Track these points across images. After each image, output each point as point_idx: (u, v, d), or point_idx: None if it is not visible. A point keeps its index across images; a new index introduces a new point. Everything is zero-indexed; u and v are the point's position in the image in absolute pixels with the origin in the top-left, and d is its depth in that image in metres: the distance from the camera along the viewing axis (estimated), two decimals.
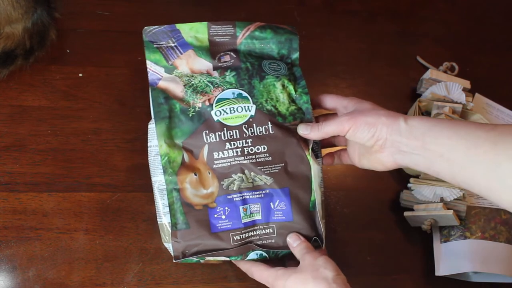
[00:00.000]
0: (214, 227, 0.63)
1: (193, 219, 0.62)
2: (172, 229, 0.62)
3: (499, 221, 0.76)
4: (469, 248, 0.74)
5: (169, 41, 0.67)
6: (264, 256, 0.64)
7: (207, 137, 0.64)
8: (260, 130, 0.65)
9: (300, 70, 0.70)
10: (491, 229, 0.75)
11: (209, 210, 0.63)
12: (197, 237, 0.62)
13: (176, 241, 0.62)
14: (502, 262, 0.73)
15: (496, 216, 0.76)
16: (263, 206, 0.64)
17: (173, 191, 0.63)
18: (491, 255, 0.73)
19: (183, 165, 0.63)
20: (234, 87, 0.66)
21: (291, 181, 0.65)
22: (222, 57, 0.68)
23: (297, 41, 0.71)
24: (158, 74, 0.66)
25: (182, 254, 0.62)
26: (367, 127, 0.60)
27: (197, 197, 0.63)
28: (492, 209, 0.77)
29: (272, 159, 0.64)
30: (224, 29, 0.68)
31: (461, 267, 0.73)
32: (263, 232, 0.64)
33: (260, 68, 0.68)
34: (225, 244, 0.63)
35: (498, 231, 0.75)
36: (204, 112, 0.65)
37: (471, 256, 0.73)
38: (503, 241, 0.75)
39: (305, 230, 0.64)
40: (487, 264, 0.73)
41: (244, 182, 0.64)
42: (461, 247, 0.74)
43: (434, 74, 0.87)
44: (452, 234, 0.76)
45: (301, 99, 0.68)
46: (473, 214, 0.76)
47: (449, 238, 0.76)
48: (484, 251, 0.74)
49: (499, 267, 0.73)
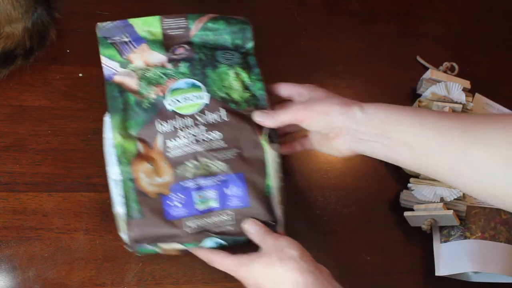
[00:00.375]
0: (169, 215, 0.63)
1: (148, 208, 0.63)
2: (127, 219, 0.63)
3: (499, 221, 0.76)
4: (469, 248, 0.74)
5: (123, 36, 0.69)
6: (223, 244, 0.64)
7: (161, 126, 0.65)
8: (213, 117, 0.66)
9: (254, 59, 0.71)
10: (491, 229, 0.75)
11: (163, 198, 0.63)
12: (152, 226, 0.63)
13: (131, 231, 0.62)
14: (502, 262, 0.73)
15: (496, 216, 0.76)
16: (219, 193, 0.64)
17: (128, 181, 0.63)
18: (491, 255, 0.74)
19: (138, 155, 0.64)
20: (187, 77, 0.68)
21: (246, 167, 0.65)
22: (176, 50, 0.70)
23: (250, 30, 0.72)
24: (113, 69, 0.68)
25: (136, 243, 0.62)
26: (321, 116, 0.61)
27: (151, 186, 0.63)
28: (492, 209, 0.77)
29: (227, 145, 0.65)
30: (177, 22, 0.70)
31: (461, 267, 0.73)
32: (220, 219, 0.64)
33: (214, 58, 0.69)
34: (180, 231, 0.63)
35: (498, 231, 0.75)
36: (158, 103, 0.66)
37: (471, 256, 0.73)
38: (503, 241, 0.75)
39: (263, 215, 0.64)
40: (487, 264, 0.73)
41: (199, 169, 0.64)
42: (461, 247, 0.74)
43: (434, 74, 0.87)
44: (452, 234, 0.76)
45: (255, 86, 0.69)
46: (473, 214, 0.76)
47: (449, 238, 0.76)
48: (484, 251, 0.74)
49: (499, 267, 0.73)
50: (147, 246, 0.63)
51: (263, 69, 0.82)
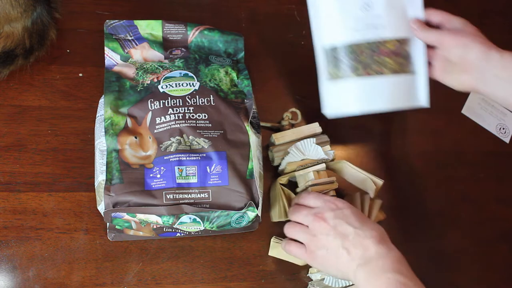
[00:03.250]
0: (148, 185, 0.64)
1: (128, 176, 0.64)
2: (106, 184, 0.63)
3: (385, 53, 0.73)
4: (354, 88, 0.72)
5: (127, 35, 0.75)
6: (197, 221, 0.64)
7: (152, 104, 0.68)
8: (202, 101, 0.69)
9: (244, 66, 0.76)
10: (375, 63, 0.72)
11: (145, 169, 0.65)
12: (130, 193, 0.63)
13: (108, 195, 0.63)
14: (387, 96, 0.73)
15: (380, 47, 0.73)
16: (199, 169, 0.65)
17: (113, 151, 0.66)
18: (375, 91, 0.73)
19: (125, 129, 0.67)
20: (182, 69, 0.72)
21: (229, 147, 0.67)
22: (174, 51, 0.75)
23: (242, 41, 0.77)
24: (114, 60, 0.73)
25: (113, 208, 0.63)
26: (461, 47, 0.68)
27: (135, 158, 0.65)
28: (376, 42, 0.72)
29: (212, 125, 0.68)
30: (176, 27, 0.76)
31: (348, 108, 0.73)
32: (198, 196, 0.65)
33: (207, 59, 0.75)
34: (157, 201, 0.63)
35: (383, 63, 0.73)
36: (151, 86, 0.70)
37: (357, 96, 0.72)
38: (389, 73, 0.73)
39: (241, 194, 0.65)
40: (373, 102, 0.73)
41: (181, 144, 0.66)
42: (346, 88, 0.73)
43: (278, 138, 0.76)
44: (338, 75, 0.73)
45: (243, 83, 0.73)
46: (356, 50, 0.72)
47: (336, 79, 0.73)
48: (368, 89, 0.72)
49: (382, 102, 0.73)
50: (124, 215, 0.63)
51: (263, 69, 0.82)
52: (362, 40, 0.72)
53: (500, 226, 0.83)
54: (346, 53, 0.72)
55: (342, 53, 0.72)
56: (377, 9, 0.72)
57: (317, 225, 0.65)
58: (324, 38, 0.73)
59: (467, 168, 0.86)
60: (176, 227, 0.65)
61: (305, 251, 0.67)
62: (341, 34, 0.72)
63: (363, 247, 0.62)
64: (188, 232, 0.67)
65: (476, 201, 0.84)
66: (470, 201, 0.84)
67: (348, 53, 0.72)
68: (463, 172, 0.85)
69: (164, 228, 0.66)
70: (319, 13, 0.74)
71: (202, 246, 0.72)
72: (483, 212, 0.84)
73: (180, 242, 0.71)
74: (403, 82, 0.74)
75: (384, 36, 0.72)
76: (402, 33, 0.73)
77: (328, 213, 0.65)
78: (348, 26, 0.72)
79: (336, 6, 0.72)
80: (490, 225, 0.83)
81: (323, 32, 0.74)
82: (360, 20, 0.72)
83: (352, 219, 0.64)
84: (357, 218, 0.65)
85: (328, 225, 0.64)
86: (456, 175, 0.85)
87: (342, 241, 0.63)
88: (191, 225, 0.65)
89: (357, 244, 0.63)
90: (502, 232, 0.83)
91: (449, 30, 0.70)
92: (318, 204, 0.67)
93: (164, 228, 0.66)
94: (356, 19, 0.72)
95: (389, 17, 0.73)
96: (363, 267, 0.61)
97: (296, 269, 0.73)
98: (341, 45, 0.72)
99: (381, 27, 0.72)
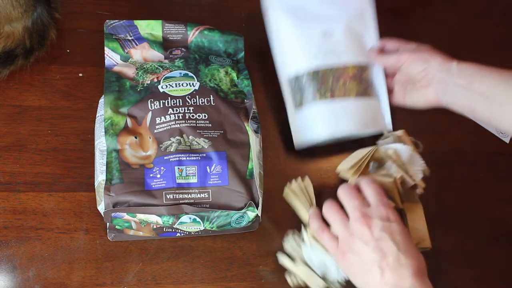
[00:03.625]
0: (148, 185, 0.64)
1: (128, 176, 0.64)
2: (106, 184, 0.63)
3: (348, 77, 0.75)
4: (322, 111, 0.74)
5: (127, 35, 0.74)
6: (197, 221, 0.64)
7: (152, 104, 0.68)
8: (202, 101, 0.69)
9: (244, 66, 0.76)
10: (340, 88, 0.74)
11: (145, 169, 0.65)
12: (130, 193, 0.63)
13: (108, 195, 0.63)
14: (353, 118, 0.74)
15: (343, 73, 0.75)
16: (199, 169, 0.65)
17: (113, 151, 0.65)
18: (342, 113, 0.74)
19: (125, 129, 0.67)
20: (182, 69, 0.72)
21: (229, 147, 0.67)
22: (174, 51, 0.75)
23: (242, 41, 0.77)
24: (114, 60, 0.73)
25: (113, 209, 0.62)
26: (421, 62, 0.71)
27: (135, 158, 0.65)
28: (339, 68, 0.75)
29: (212, 125, 0.68)
30: (176, 28, 0.76)
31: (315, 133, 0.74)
32: (198, 196, 0.65)
33: (207, 59, 0.75)
34: (157, 201, 0.63)
35: (348, 87, 0.75)
36: (151, 86, 0.70)
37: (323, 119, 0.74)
38: (354, 96, 0.75)
39: (241, 195, 0.65)
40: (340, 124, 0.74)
41: (181, 144, 0.66)
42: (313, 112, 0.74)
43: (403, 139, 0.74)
44: (303, 102, 0.75)
45: (243, 83, 0.73)
46: (320, 76, 0.74)
47: (301, 107, 0.75)
48: (335, 112, 0.74)
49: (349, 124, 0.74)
50: (124, 215, 0.63)
51: (263, 69, 0.83)
52: (325, 66, 0.74)
53: (500, 226, 0.83)
54: (310, 80, 0.74)
55: (307, 80, 0.74)
56: (337, 36, 0.76)
57: (359, 227, 0.60)
58: (288, 68, 0.76)
59: (467, 168, 0.86)
60: (176, 227, 0.65)
61: (336, 246, 0.63)
62: (304, 61, 0.75)
63: (399, 275, 0.58)
64: (188, 232, 0.67)
65: (476, 201, 0.84)
66: (470, 201, 0.84)
67: (312, 79, 0.74)
68: (463, 172, 0.85)
69: (164, 228, 0.66)
70: (281, 44, 0.77)
71: (202, 246, 0.72)
72: (483, 212, 0.84)
73: (180, 242, 0.71)
74: (368, 106, 0.76)
75: (345, 62, 0.75)
76: (362, 59, 0.77)
77: (376, 221, 0.60)
78: (310, 53, 0.75)
79: (297, 34, 0.76)
80: (490, 225, 0.83)
81: (287, 63, 0.76)
82: (322, 47, 0.75)
83: (399, 238, 0.59)
84: (404, 239, 0.59)
85: (371, 234, 0.59)
86: (456, 175, 0.85)
87: (380, 259, 0.58)
88: (191, 225, 0.65)
89: (394, 268, 0.58)
90: (502, 232, 0.83)
91: (406, 50, 0.74)
92: (371, 199, 0.63)
93: (164, 228, 0.66)
94: (317, 46, 0.75)
95: (348, 44, 0.76)
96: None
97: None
98: (305, 72, 0.74)
99: (342, 54, 0.75)
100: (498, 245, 0.82)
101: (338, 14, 0.77)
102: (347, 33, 0.76)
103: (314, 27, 0.76)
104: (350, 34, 0.77)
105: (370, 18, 0.80)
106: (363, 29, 0.79)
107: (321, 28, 0.76)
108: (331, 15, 0.77)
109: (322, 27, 0.76)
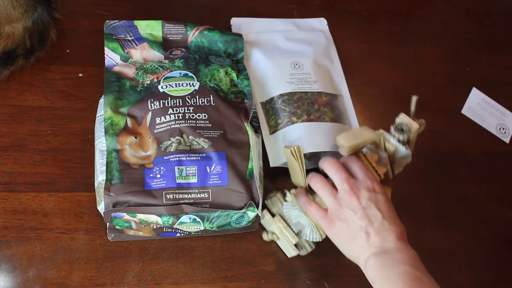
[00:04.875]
0: (148, 185, 0.64)
1: (128, 176, 0.64)
2: (106, 184, 0.63)
3: (322, 103, 0.77)
4: (298, 131, 0.75)
5: (127, 35, 0.75)
6: (197, 221, 0.65)
7: (152, 104, 0.68)
8: (202, 101, 0.69)
9: (244, 66, 0.76)
10: (316, 111, 0.76)
11: (145, 169, 0.65)
12: (130, 193, 0.63)
13: (108, 195, 0.63)
14: (328, 139, 0.75)
15: (317, 98, 0.77)
16: (199, 169, 0.65)
17: (113, 151, 0.66)
18: (318, 134, 0.75)
19: (125, 129, 0.67)
20: (181, 69, 0.72)
21: (229, 147, 0.67)
22: (174, 51, 0.75)
23: (242, 41, 0.77)
24: (114, 60, 0.73)
25: (113, 208, 0.63)
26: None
27: (135, 158, 0.65)
28: (314, 93, 0.78)
29: (212, 125, 0.68)
30: (176, 28, 0.76)
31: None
32: (198, 196, 0.65)
33: (207, 59, 0.75)
34: (157, 201, 0.63)
35: (322, 112, 0.77)
36: (151, 86, 0.70)
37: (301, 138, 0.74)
38: (328, 121, 0.76)
39: (241, 194, 0.65)
40: (316, 144, 0.74)
41: (181, 144, 0.66)
42: (290, 132, 0.75)
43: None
44: (279, 123, 0.76)
45: (243, 83, 0.73)
46: (296, 100, 0.77)
47: (277, 127, 0.76)
48: (312, 132, 0.75)
49: (326, 145, 0.74)
50: (124, 215, 0.63)
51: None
52: (300, 89, 0.77)
53: (500, 226, 0.83)
54: (286, 102, 0.76)
55: (282, 102, 0.76)
56: (305, 68, 0.80)
57: (348, 198, 0.64)
58: (262, 92, 0.78)
59: (467, 168, 0.86)
60: (176, 227, 0.65)
61: (325, 215, 0.66)
62: (279, 85, 0.78)
63: (384, 238, 0.62)
64: (188, 232, 0.67)
65: (476, 201, 0.84)
66: (470, 201, 0.84)
67: (288, 102, 0.76)
68: (463, 172, 0.85)
69: (164, 228, 0.66)
70: (256, 71, 0.80)
71: (202, 246, 0.72)
72: (483, 212, 0.84)
73: (180, 242, 0.71)
74: (343, 130, 0.77)
75: (318, 89, 0.78)
76: (331, 91, 0.80)
77: (363, 192, 0.64)
78: (284, 78, 0.78)
79: (270, 64, 0.79)
80: (490, 225, 0.83)
81: (261, 88, 0.78)
82: (294, 75, 0.79)
83: (383, 207, 0.64)
84: (388, 209, 0.64)
85: (359, 203, 0.64)
86: (456, 175, 0.85)
87: (367, 225, 0.63)
88: (191, 225, 0.65)
89: (379, 233, 0.63)
90: (502, 232, 0.83)
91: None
92: (359, 174, 0.66)
93: (164, 228, 0.66)
94: (289, 74, 0.79)
95: (318, 75, 0.80)
96: (378, 256, 0.62)
97: (296, 269, 0.73)
98: (280, 94, 0.77)
99: (312, 83, 0.78)
100: (498, 245, 0.82)
101: (305, 50, 0.83)
102: (314, 66, 0.81)
103: (285, 58, 0.81)
104: (318, 68, 0.81)
105: (336, 57, 0.86)
106: (330, 66, 0.84)
107: (291, 61, 0.80)
108: (299, 51, 0.83)
109: (291, 60, 0.81)
